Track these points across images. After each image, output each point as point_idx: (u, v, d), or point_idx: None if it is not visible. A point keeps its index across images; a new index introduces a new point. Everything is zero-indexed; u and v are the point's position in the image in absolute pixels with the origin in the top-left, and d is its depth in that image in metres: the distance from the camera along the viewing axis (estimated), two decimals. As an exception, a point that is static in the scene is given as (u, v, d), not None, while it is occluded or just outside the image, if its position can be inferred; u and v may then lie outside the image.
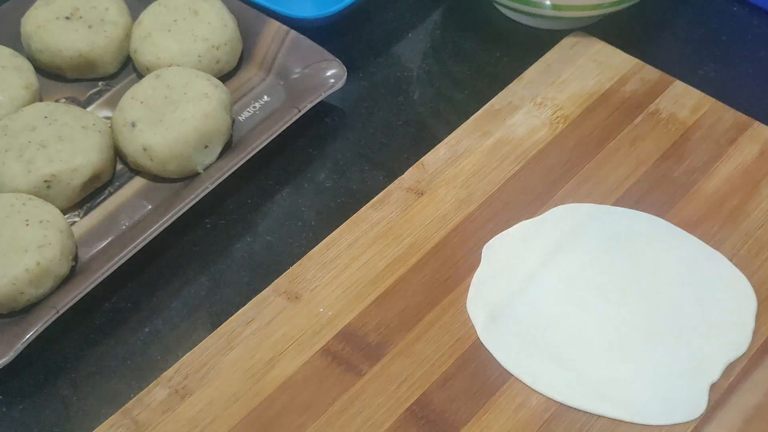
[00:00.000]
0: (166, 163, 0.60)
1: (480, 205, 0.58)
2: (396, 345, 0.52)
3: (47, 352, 0.54)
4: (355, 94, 0.68)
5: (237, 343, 0.52)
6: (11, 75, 0.62)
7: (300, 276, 0.55)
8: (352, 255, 0.56)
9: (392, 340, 0.52)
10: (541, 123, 0.62)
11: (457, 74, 0.69)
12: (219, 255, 0.59)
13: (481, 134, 0.62)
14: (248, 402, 0.50)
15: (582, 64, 0.66)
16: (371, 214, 0.58)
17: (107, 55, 0.65)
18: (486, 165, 0.60)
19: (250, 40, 0.67)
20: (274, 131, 0.61)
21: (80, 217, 0.60)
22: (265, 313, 0.54)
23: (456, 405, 0.50)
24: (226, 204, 0.61)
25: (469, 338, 0.52)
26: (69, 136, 0.59)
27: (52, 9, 0.65)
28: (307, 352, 0.52)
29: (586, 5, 0.65)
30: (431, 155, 0.61)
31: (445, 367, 0.51)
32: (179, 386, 0.51)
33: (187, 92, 0.61)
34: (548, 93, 0.64)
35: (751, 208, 0.58)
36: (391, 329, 0.53)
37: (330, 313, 0.53)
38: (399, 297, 0.54)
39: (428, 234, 0.57)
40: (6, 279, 0.53)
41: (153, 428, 0.49)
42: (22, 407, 0.53)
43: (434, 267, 0.55)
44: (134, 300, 0.57)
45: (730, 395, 0.50)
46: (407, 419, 0.50)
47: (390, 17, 0.73)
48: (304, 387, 0.51)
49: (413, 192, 0.59)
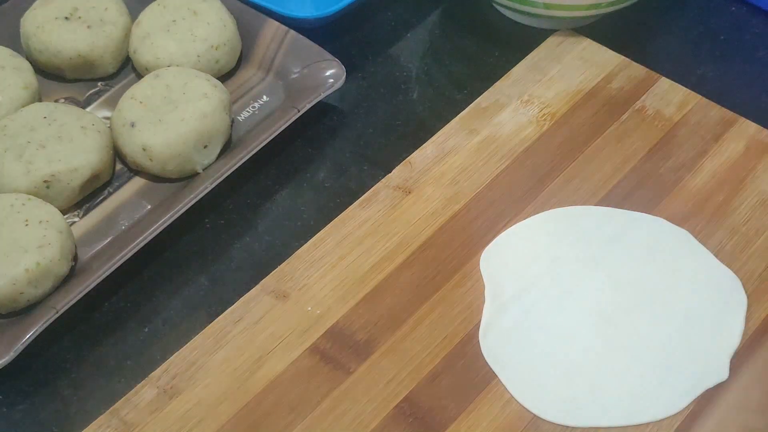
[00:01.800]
0: (166, 163, 0.60)
1: (467, 203, 0.58)
2: (384, 343, 0.52)
3: (47, 352, 0.54)
4: (354, 94, 0.68)
5: (225, 343, 0.52)
6: (10, 75, 0.62)
7: (288, 275, 0.55)
8: (339, 254, 0.56)
9: (380, 338, 0.52)
10: (528, 120, 0.63)
11: (456, 74, 0.69)
12: (218, 255, 0.59)
13: (468, 132, 0.62)
14: (236, 401, 0.50)
15: (568, 62, 0.66)
16: (359, 213, 0.58)
17: (106, 55, 0.65)
18: (473, 163, 0.60)
19: (249, 40, 0.67)
20: (274, 131, 0.61)
21: (80, 218, 0.60)
22: (253, 312, 0.54)
23: (444, 402, 0.50)
24: (226, 204, 0.61)
25: (456, 336, 0.52)
26: (68, 136, 0.59)
27: (51, 9, 0.65)
28: (295, 350, 0.52)
29: (577, 5, 0.65)
30: (418, 153, 0.61)
31: (433, 365, 0.51)
32: (167, 386, 0.51)
33: (186, 92, 0.61)
34: (535, 91, 0.64)
35: (737, 203, 0.58)
36: (379, 327, 0.53)
37: (318, 312, 0.54)
38: (387, 295, 0.54)
39: (416, 232, 0.57)
40: (6, 279, 0.53)
41: (141, 428, 0.49)
42: (22, 407, 0.53)
43: (422, 265, 0.56)
44: (134, 300, 0.57)
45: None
46: (395, 417, 0.50)
47: (389, 17, 0.73)
48: (292, 386, 0.51)
49: (401, 190, 0.59)
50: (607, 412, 0.50)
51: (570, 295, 0.54)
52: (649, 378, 0.51)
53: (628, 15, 0.69)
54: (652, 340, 0.52)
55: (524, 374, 0.51)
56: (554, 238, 0.56)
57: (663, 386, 0.50)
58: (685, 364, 0.51)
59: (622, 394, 0.50)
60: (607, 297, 0.54)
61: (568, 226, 0.57)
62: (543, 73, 0.65)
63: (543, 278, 0.55)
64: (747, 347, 0.52)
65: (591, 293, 0.54)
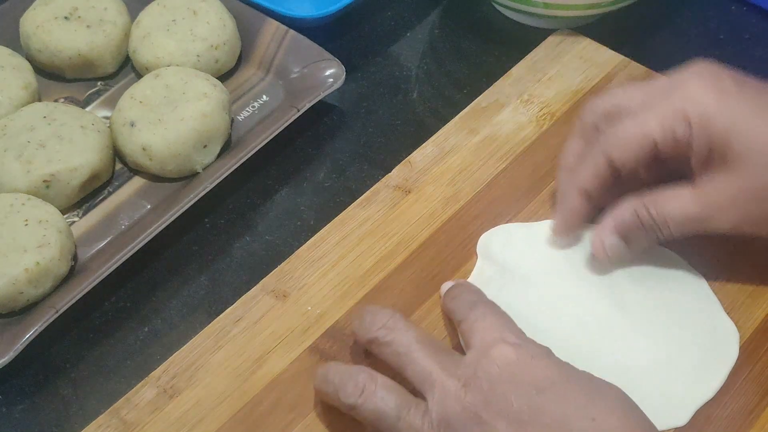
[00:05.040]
0: (165, 162, 0.60)
1: (467, 203, 0.58)
2: (384, 342, 0.52)
3: (47, 352, 0.54)
4: (354, 93, 0.68)
5: (225, 342, 0.52)
6: (10, 75, 0.62)
7: (288, 274, 0.55)
8: (339, 253, 0.56)
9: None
10: (528, 120, 0.63)
11: (455, 73, 0.69)
12: (218, 254, 0.59)
13: (468, 132, 0.62)
14: (236, 401, 0.50)
15: (568, 61, 0.66)
16: (358, 212, 0.58)
17: (106, 54, 0.65)
18: (473, 162, 0.60)
19: (248, 39, 0.67)
20: (273, 131, 0.61)
21: (79, 217, 0.60)
22: (253, 311, 0.54)
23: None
24: (226, 203, 0.61)
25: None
26: (68, 136, 0.59)
27: (50, 9, 0.65)
28: (295, 350, 0.52)
29: (576, 4, 0.65)
30: (418, 153, 0.61)
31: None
32: (167, 386, 0.51)
33: (186, 92, 0.61)
34: (535, 90, 0.64)
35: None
36: (379, 327, 0.53)
37: (318, 312, 0.54)
38: (387, 295, 0.54)
39: (415, 231, 0.57)
40: (5, 279, 0.53)
41: (141, 428, 0.49)
42: (22, 407, 0.53)
43: (421, 264, 0.55)
44: (134, 300, 0.57)
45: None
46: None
47: (388, 17, 0.73)
48: (292, 385, 0.51)
49: (400, 190, 0.59)
50: None
51: (557, 300, 0.53)
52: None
53: (628, 14, 0.69)
54: (626, 365, 0.50)
55: None
56: (553, 244, 0.56)
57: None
58: (649, 398, 0.47)
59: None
60: (593, 310, 0.52)
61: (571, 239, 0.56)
62: (543, 73, 0.65)
63: (532, 276, 0.54)
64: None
65: (578, 302, 0.53)
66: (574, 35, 0.67)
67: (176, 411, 0.50)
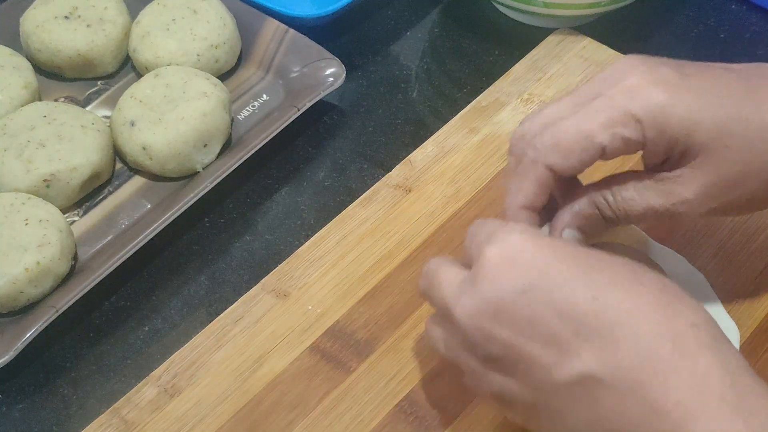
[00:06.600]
0: (166, 162, 0.60)
1: (467, 202, 0.58)
2: (385, 342, 0.52)
3: (47, 352, 0.54)
4: (354, 92, 0.68)
5: (225, 342, 0.52)
6: (10, 74, 0.62)
7: (288, 274, 0.55)
8: (340, 252, 0.56)
9: (381, 336, 0.52)
10: (528, 119, 0.63)
11: (455, 72, 0.69)
12: (218, 254, 0.59)
13: (469, 131, 0.62)
14: (237, 400, 0.50)
15: (568, 60, 0.66)
16: (359, 212, 0.58)
17: (106, 54, 0.65)
18: (473, 161, 0.60)
19: (249, 39, 0.67)
20: (273, 130, 0.61)
21: (80, 217, 0.60)
22: (253, 311, 0.54)
23: (445, 401, 0.50)
24: (226, 203, 0.61)
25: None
26: (68, 135, 0.59)
27: (50, 8, 0.65)
28: (295, 349, 0.52)
29: (577, 3, 0.65)
30: (419, 152, 0.61)
31: (434, 363, 0.51)
32: (168, 385, 0.51)
33: (186, 91, 0.61)
34: (535, 89, 0.64)
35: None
36: (380, 326, 0.53)
37: (318, 311, 0.54)
38: (387, 294, 0.54)
39: (416, 231, 0.57)
40: (6, 278, 0.53)
41: (142, 427, 0.49)
42: (22, 407, 0.53)
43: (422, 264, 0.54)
44: (134, 299, 0.57)
45: None
46: (396, 415, 0.50)
47: (388, 16, 0.73)
48: (293, 385, 0.51)
49: (401, 189, 0.59)
50: None
51: None
52: None
53: (628, 13, 0.69)
54: None
55: None
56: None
57: None
58: None
59: None
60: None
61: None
62: (543, 72, 0.65)
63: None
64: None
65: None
66: (574, 34, 0.67)
67: (177, 410, 0.50)
